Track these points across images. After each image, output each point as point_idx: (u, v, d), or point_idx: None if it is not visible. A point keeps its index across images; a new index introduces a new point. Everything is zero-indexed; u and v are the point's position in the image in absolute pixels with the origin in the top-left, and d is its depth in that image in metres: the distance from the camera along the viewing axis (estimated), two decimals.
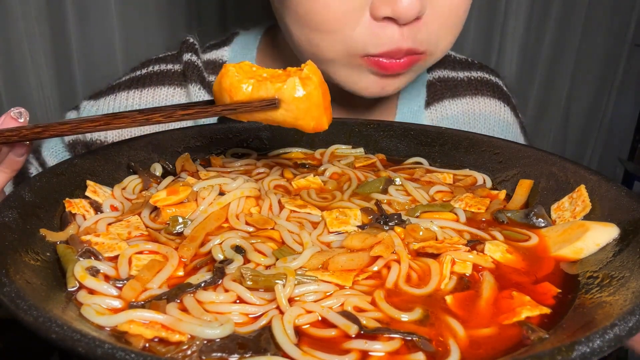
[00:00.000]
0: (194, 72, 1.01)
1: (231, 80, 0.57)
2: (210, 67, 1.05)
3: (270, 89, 0.56)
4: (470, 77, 1.13)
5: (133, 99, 1.02)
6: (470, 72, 1.14)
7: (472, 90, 1.11)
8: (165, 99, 1.02)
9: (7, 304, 0.40)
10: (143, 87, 1.03)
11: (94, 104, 1.04)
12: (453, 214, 0.66)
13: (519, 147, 0.76)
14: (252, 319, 0.47)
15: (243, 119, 0.60)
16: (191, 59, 1.03)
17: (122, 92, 1.03)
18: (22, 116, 0.61)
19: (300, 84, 0.56)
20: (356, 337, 0.45)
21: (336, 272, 0.52)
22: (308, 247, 0.56)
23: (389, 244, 0.56)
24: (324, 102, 0.58)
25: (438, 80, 1.11)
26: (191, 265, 0.55)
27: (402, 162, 0.84)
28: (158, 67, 1.05)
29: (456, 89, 1.11)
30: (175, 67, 1.05)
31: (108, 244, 0.56)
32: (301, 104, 0.57)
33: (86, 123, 0.59)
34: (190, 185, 0.65)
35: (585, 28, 2.36)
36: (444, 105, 1.09)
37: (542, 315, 0.48)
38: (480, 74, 1.14)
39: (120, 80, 1.06)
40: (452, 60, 1.15)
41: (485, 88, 1.13)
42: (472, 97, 1.11)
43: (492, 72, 1.18)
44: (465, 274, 0.54)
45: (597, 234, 0.56)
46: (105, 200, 0.66)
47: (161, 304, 0.47)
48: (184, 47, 1.05)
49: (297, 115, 0.57)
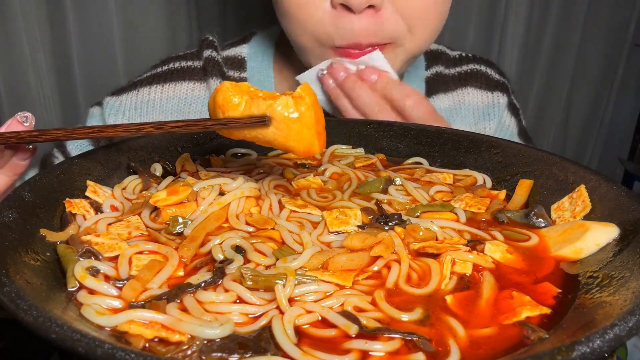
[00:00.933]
0: (214, 67, 1.05)
1: (224, 95, 0.57)
2: (230, 63, 1.09)
3: (262, 106, 0.56)
4: (460, 72, 1.19)
5: (155, 93, 1.05)
6: (461, 66, 1.20)
7: (461, 83, 1.17)
8: (186, 94, 1.05)
9: (7, 304, 0.40)
10: (164, 82, 1.06)
11: (117, 99, 1.07)
12: (453, 214, 0.66)
13: (519, 147, 0.76)
14: (252, 319, 0.47)
15: (234, 137, 0.59)
16: (211, 54, 1.07)
17: (144, 87, 1.06)
18: (28, 120, 0.62)
19: (292, 103, 0.55)
20: (356, 337, 0.45)
21: (336, 272, 0.52)
22: (308, 247, 0.56)
23: (389, 244, 0.56)
24: (316, 125, 0.57)
25: (435, 76, 1.17)
26: (191, 265, 0.55)
27: (402, 162, 0.84)
28: (179, 63, 1.09)
29: (447, 84, 1.17)
30: (195, 64, 1.08)
31: (108, 244, 0.56)
32: (292, 124, 0.56)
33: (81, 129, 0.61)
34: (190, 185, 0.65)
35: (585, 28, 2.36)
36: (438, 98, 1.15)
37: (542, 315, 0.48)
38: (470, 67, 1.19)
39: (142, 77, 1.09)
40: (447, 58, 1.21)
41: (474, 79, 1.18)
42: (461, 89, 1.17)
43: (484, 63, 1.22)
44: (465, 274, 0.54)
45: (597, 234, 0.56)
46: (105, 200, 0.66)
47: (161, 304, 0.47)
48: (204, 44, 1.09)
49: (288, 135, 0.56)
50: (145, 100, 1.05)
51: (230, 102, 0.56)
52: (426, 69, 1.17)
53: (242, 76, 1.09)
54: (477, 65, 1.20)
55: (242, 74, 1.09)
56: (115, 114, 1.05)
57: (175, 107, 1.06)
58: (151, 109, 1.05)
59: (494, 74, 1.21)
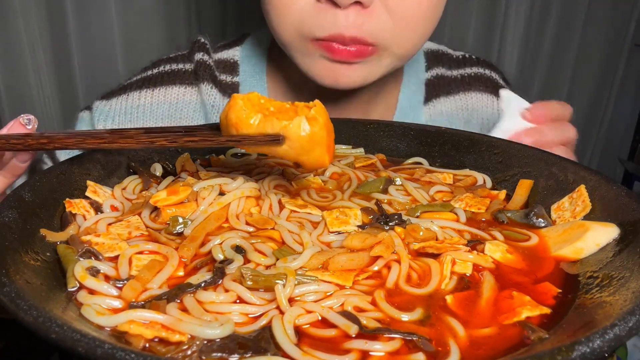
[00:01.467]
0: (205, 71, 1.03)
1: (238, 114, 0.57)
2: (222, 67, 1.06)
3: (276, 125, 0.57)
4: (463, 74, 1.15)
5: (145, 98, 1.03)
6: (464, 69, 1.16)
7: (464, 86, 1.13)
8: (177, 98, 1.03)
9: (7, 304, 0.40)
10: (155, 87, 1.04)
11: (106, 104, 1.04)
12: (453, 214, 0.66)
13: (519, 147, 0.76)
14: (252, 319, 0.47)
15: (245, 150, 0.60)
16: (203, 58, 1.04)
17: (134, 91, 1.04)
18: (31, 123, 0.61)
19: (306, 124, 0.57)
20: (356, 337, 0.45)
21: (336, 272, 0.52)
22: (308, 247, 0.56)
23: (389, 243, 0.56)
24: (327, 141, 0.59)
25: (435, 78, 1.13)
26: (191, 265, 0.55)
27: (402, 162, 0.84)
28: (169, 66, 1.06)
29: (450, 86, 1.13)
30: (186, 67, 1.06)
31: (108, 244, 0.56)
32: (305, 142, 0.57)
33: (91, 139, 0.59)
34: (190, 185, 0.65)
35: (585, 28, 2.36)
36: (440, 102, 1.11)
37: (542, 315, 0.48)
38: (474, 70, 1.16)
39: (132, 80, 1.07)
40: (449, 59, 1.17)
41: (478, 83, 1.14)
42: (465, 93, 1.13)
43: (488, 67, 1.19)
44: (465, 274, 0.54)
45: (597, 234, 0.56)
46: (105, 200, 0.66)
47: (161, 304, 0.47)
48: (195, 47, 1.06)
49: (300, 152, 0.58)
50: (136, 105, 1.03)
51: (244, 121, 0.57)
52: (426, 70, 1.13)
53: (234, 80, 1.06)
54: (481, 68, 1.16)
55: (234, 78, 1.07)
56: (104, 119, 1.03)
57: (166, 112, 1.03)
58: (141, 114, 1.03)
59: (499, 79, 1.18)
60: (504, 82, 1.19)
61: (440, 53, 1.17)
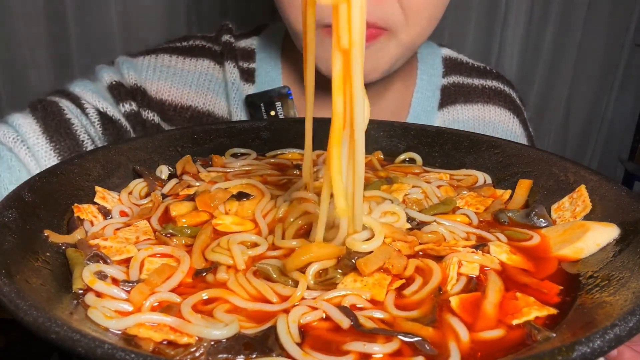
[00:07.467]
0: (230, 52, 1.07)
1: None
2: (240, 53, 1.10)
3: None
4: (484, 85, 1.15)
5: (176, 62, 1.06)
6: (485, 80, 1.16)
7: (484, 98, 1.14)
8: (206, 70, 1.07)
9: (7, 304, 0.40)
10: (185, 56, 1.07)
11: (133, 59, 1.06)
12: (465, 216, 0.65)
13: (519, 147, 0.76)
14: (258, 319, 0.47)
15: None
16: (230, 40, 1.08)
17: (164, 54, 1.07)
18: None
19: None
20: (356, 338, 0.44)
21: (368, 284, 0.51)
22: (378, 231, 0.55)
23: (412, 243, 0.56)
24: None
25: (453, 85, 1.13)
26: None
27: (395, 159, 0.84)
28: (200, 42, 1.10)
29: (469, 95, 1.13)
30: (214, 47, 1.09)
31: (116, 247, 0.56)
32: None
33: None
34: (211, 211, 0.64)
35: (585, 28, 2.36)
36: (456, 109, 1.12)
37: (545, 315, 0.47)
38: (495, 84, 1.16)
39: (159, 46, 1.10)
40: (469, 67, 1.18)
41: (498, 97, 1.15)
42: (484, 105, 1.13)
43: (508, 84, 1.20)
44: (471, 275, 0.53)
45: (597, 234, 0.56)
46: (114, 206, 0.65)
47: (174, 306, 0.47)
48: (223, 30, 1.10)
49: None
50: (166, 66, 1.05)
51: None
52: (443, 76, 1.14)
53: (250, 67, 1.10)
54: (501, 84, 1.17)
55: (250, 64, 1.10)
56: (133, 70, 1.03)
57: (196, 81, 1.06)
58: (171, 75, 1.05)
59: (516, 98, 1.19)
60: (520, 102, 1.19)
61: (459, 61, 1.17)
